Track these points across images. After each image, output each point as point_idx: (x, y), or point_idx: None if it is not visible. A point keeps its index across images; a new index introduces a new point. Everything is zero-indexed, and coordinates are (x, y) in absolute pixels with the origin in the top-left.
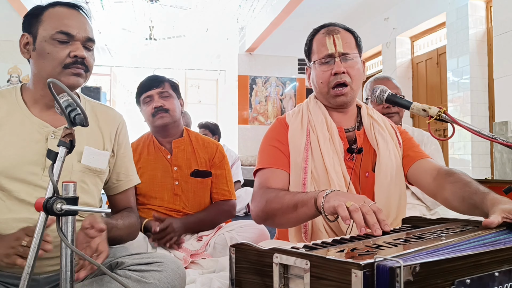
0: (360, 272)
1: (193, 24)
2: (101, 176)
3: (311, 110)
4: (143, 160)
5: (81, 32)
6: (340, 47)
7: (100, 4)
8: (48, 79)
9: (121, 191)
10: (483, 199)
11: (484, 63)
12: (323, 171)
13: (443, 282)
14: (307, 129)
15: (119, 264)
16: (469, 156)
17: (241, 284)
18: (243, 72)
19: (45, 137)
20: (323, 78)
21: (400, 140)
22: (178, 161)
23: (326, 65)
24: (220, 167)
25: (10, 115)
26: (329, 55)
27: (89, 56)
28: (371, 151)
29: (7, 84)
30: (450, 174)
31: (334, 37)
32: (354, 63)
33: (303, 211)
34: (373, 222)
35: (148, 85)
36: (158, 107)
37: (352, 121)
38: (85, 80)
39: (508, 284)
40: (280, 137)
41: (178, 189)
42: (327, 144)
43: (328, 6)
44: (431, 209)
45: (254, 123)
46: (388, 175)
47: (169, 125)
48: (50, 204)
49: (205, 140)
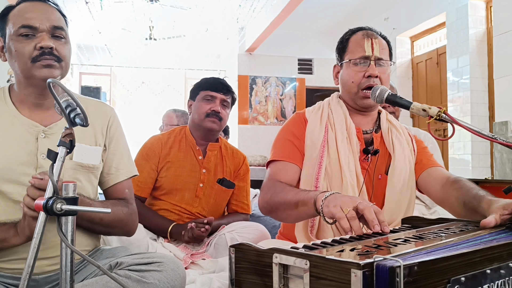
0: (359, 272)
1: (193, 24)
2: (95, 172)
3: (332, 108)
4: (172, 155)
5: (44, 23)
6: (377, 52)
7: (99, 4)
8: (48, 80)
9: (112, 184)
10: (479, 202)
11: (484, 63)
12: (337, 168)
13: (440, 281)
14: (325, 125)
15: (119, 264)
16: (469, 156)
17: (241, 284)
18: (243, 72)
19: (35, 137)
20: (355, 78)
21: (415, 147)
22: (209, 165)
23: (360, 66)
24: (243, 180)
25: (0, 116)
26: (366, 57)
27: (59, 45)
28: (386, 154)
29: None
30: (456, 182)
31: (372, 40)
32: (386, 69)
33: (303, 210)
34: (372, 217)
35: (217, 87)
36: (216, 111)
37: (371, 124)
38: (62, 72)
39: (499, 281)
40: (297, 131)
41: (200, 192)
42: (344, 142)
43: (328, 6)
44: (430, 208)
45: (254, 123)
46: (401, 179)
47: (215, 131)
48: (50, 204)
49: (233, 150)
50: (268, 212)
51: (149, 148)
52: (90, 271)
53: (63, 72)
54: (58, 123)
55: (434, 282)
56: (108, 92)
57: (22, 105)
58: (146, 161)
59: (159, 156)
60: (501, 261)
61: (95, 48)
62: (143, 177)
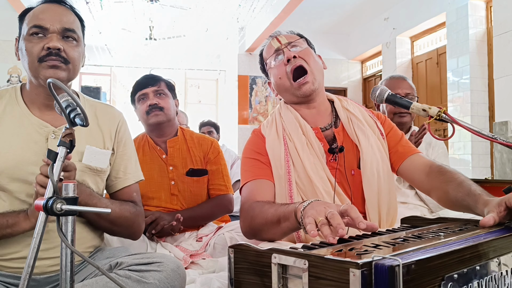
0: (358, 271)
1: (193, 24)
2: (102, 176)
3: (283, 116)
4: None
5: (55, 24)
6: (284, 40)
7: (99, 4)
8: (48, 79)
9: (120, 188)
10: (476, 202)
11: (484, 63)
12: (307, 179)
13: (435, 278)
14: (283, 138)
15: (119, 264)
16: (469, 156)
17: (240, 284)
18: (243, 72)
19: (45, 137)
20: (279, 72)
21: (383, 130)
22: (174, 161)
23: (278, 60)
24: (216, 163)
25: (10, 116)
26: (276, 49)
27: (69, 47)
28: (353, 148)
29: (7, 84)
30: (442, 173)
31: (276, 37)
32: (305, 51)
33: (286, 225)
34: (335, 224)
35: (143, 83)
36: (153, 104)
37: (326, 117)
38: (68, 74)
39: (487, 277)
40: (258, 149)
41: (174, 189)
42: (305, 149)
43: (328, 6)
44: (433, 212)
45: (254, 123)
46: (375, 171)
47: (163, 123)
48: (50, 204)
49: (200, 138)
50: (252, 236)
51: None
52: (90, 271)
53: (70, 74)
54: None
55: (429, 279)
56: (108, 92)
57: (33, 105)
58: None
59: None
60: (487, 257)
61: (95, 48)
62: None
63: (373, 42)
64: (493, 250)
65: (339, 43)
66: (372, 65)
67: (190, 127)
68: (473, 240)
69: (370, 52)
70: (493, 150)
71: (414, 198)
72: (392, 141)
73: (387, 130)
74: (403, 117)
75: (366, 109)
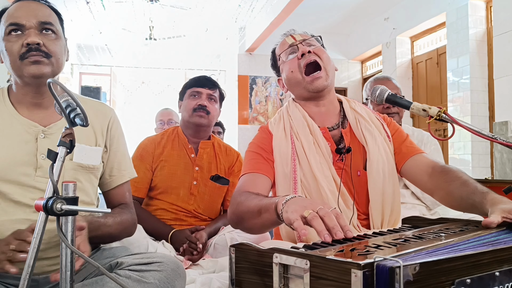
0: (359, 272)
1: (193, 24)
2: (95, 173)
3: (291, 115)
4: (166, 154)
5: (31, 19)
6: (299, 37)
7: (100, 4)
8: (48, 80)
9: (115, 186)
10: (482, 199)
11: (484, 63)
12: (313, 178)
13: (443, 282)
14: (291, 136)
15: (119, 264)
16: (469, 156)
17: (241, 284)
18: (243, 72)
19: (35, 137)
20: (292, 65)
21: (389, 132)
22: (202, 162)
23: (292, 55)
24: (238, 176)
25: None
26: (291, 45)
27: (48, 41)
28: (360, 149)
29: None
30: (446, 172)
31: (291, 35)
32: (319, 48)
33: (266, 217)
34: (333, 224)
35: (202, 82)
36: (203, 105)
37: (334, 117)
38: (52, 68)
39: (509, 284)
40: (264, 145)
41: (195, 189)
42: (312, 148)
43: (328, 6)
44: (431, 209)
45: (254, 123)
46: (381, 172)
47: (203, 126)
48: (50, 204)
49: (227, 148)
50: (235, 223)
51: (142, 149)
52: (90, 271)
53: (54, 68)
54: (57, 123)
55: (437, 283)
56: (108, 92)
57: (20, 105)
58: (141, 162)
59: (153, 156)
60: (510, 263)
61: (95, 48)
62: (140, 178)
63: (373, 42)
64: None
65: (339, 43)
66: (372, 65)
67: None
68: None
69: (370, 52)
70: (493, 150)
71: (410, 197)
72: (397, 142)
73: (393, 132)
74: (392, 117)
75: (373, 111)
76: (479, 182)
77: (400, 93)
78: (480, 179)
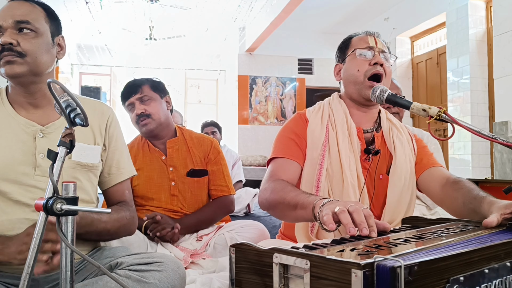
0: (360, 272)
1: (193, 24)
2: (94, 171)
3: (332, 107)
4: (139, 162)
5: (7, 19)
6: (380, 45)
7: (99, 4)
8: (48, 80)
9: (114, 184)
10: (480, 203)
11: (484, 63)
12: (339, 168)
13: (439, 280)
14: (327, 125)
15: (119, 264)
16: (469, 156)
17: (241, 284)
18: (243, 72)
19: (33, 136)
20: (361, 66)
21: (415, 147)
22: (174, 162)
23: (365, 56)
24: (216, 163)
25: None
26: (370, 47)
27: (23, 40)
28: (387, 154)
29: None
30: (456, 183)
31: (375, 37)
32: (390, 68)
33: (301, 213)
34: (360, 220)
35: (127, 93)
36: (139, 114)
37: (371, 123)
38: (29, 67)
39: (497, 280)
40: (298, 130)
41: (174, 190)
42: (345, 142)
43: (328, 6)
44: (431, 209)
45: (254, 123)
46: (402, 179)
47: (154, 130)
48: (50, 204)
49: (199, 138)
50: (267, 208)
51: None
52: (90, 271)
53: (31, 67)
54: (55, 123)
55: (433, 281)
56: (108, 92)
57: (18, 105)
58: None
59: None
60: (498, 260)
61: (95, 48)
62: None
63: None
64: (504, 252)
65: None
66: None
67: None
68: (480, 241)
69: None
70: (493, 150)
71: None
72: (420, 155)
73: (419, 147)
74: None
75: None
76: (479, 182)
77: (401, 93)
78: (480, 179)
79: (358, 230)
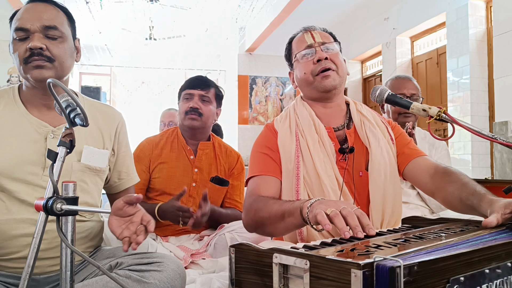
0: (359, 272)
1: (193, 24)
2: (101, 175)
3: (298, 113)
4: (164, 156)
5: (35, 23)
6: (318, 38)
7: (99, 4)
8: (48, 80)
9: (123, 189)
10: (480, 201)
11: (484, 63)
12: (315, 175)
13: (439, 281)
14: (296, 134)
15: (119, 264)
16: (469, 156)
17: (241, 284)
18: (243, 72)
19: (44, 137)
20: (306, 67)
21: (393, 135)
22: (201, 164)
23: (307, 56)
24: (238, 179)
25: (8, 116)
26: (309, 45)
27: (51, 44)
28: (363, 150)
29: (7, 84)
30: (447, 174)
31: (311, 32)
32: (335, 53)
33: (290, 221)
34: (355, 224)
35: (193, 84)
36: (194, 107)
37: (340, 118)
38: (56, 72)
39: (498, 281)
40: (269, 143)
41: (194, 191)
42: (316, 147)
43: (328, 6)
44: (434, 213)
45: (254, 123)
46: (382, 173)
47: (198, 128)
48: (50, 204)
49: (228, 149)
50: (254, 229)
51: (140, 150)
52: (90, 271)
53: (58, 72)
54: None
55: (433, 282)
56: (108, 92)
57: (30, 105)
58: (137, 163)
59: (150, 158)
60: (499, 260)
61: (95, 48)
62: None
63: (373, 42)
64: (505, 253)
65: None
66: (372, 65)
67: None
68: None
69: (370, 52)
70: (493, 150)
71: (415, 198)
72: (399, 145)
73: (396, 135)
74: (408, 117)
75: (378, 114)
76: (479, 182)
77: (419, 95)
78: (480, 179)
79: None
